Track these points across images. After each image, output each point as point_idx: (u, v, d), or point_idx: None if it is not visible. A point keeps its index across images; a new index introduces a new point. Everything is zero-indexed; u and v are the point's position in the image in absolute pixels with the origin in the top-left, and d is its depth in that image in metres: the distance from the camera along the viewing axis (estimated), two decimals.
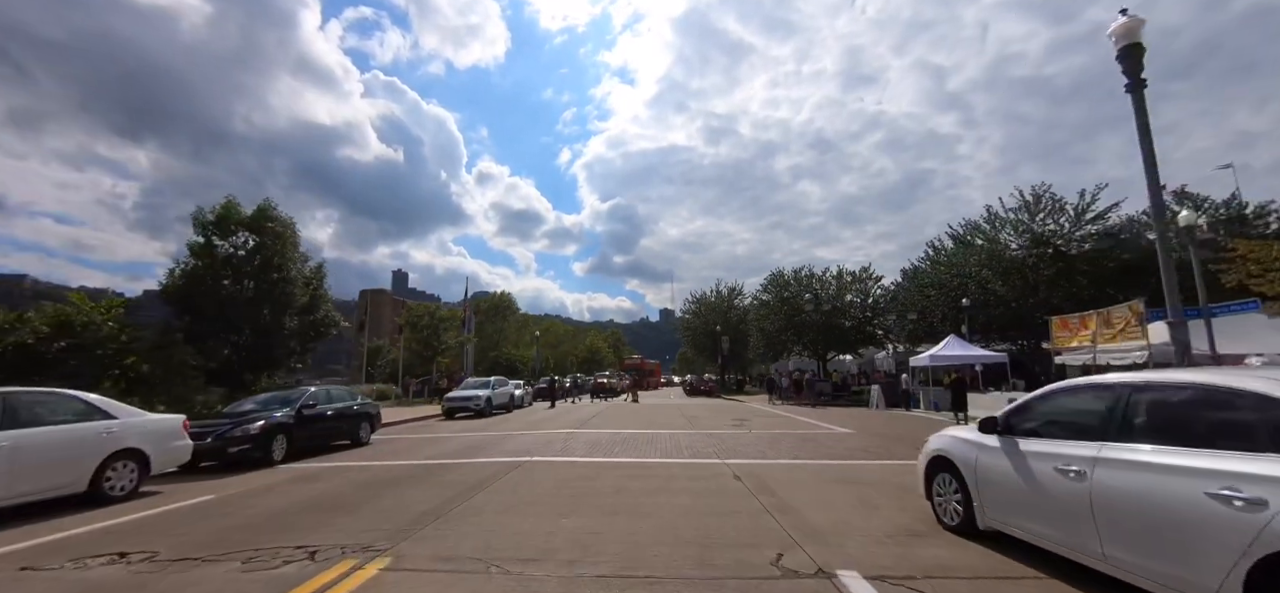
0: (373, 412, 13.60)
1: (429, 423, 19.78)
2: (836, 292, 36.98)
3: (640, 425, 16.59)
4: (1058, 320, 21.45)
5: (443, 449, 11.88)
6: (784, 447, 11.55)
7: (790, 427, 16.12)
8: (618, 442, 12.47)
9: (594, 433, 14.53)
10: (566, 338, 71.11)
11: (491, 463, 9.67)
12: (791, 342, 37.80)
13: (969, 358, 23.96)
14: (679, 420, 18.31)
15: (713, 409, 24.72)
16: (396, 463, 10.04)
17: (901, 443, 12.09)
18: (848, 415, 20.45)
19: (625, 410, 24.06)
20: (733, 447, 11.50)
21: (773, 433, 14.28)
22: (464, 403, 22.06)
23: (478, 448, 11.91)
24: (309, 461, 10.59)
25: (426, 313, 36.40)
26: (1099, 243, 26.65)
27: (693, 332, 54.22)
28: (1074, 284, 25.98)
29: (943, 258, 33.01)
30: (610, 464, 9.36)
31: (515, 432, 15.43)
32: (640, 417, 20.34)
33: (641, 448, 11.38)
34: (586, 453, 10.71)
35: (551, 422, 18.67)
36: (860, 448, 11.38)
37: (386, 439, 14.37)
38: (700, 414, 21.29)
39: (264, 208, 22.36)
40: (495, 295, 59.82)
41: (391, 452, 11.80)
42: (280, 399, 11.26)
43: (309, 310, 23.06)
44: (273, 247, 21.96)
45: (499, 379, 25.79)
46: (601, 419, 19.22)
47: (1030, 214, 27.64)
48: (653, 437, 13.42)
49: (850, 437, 13.42)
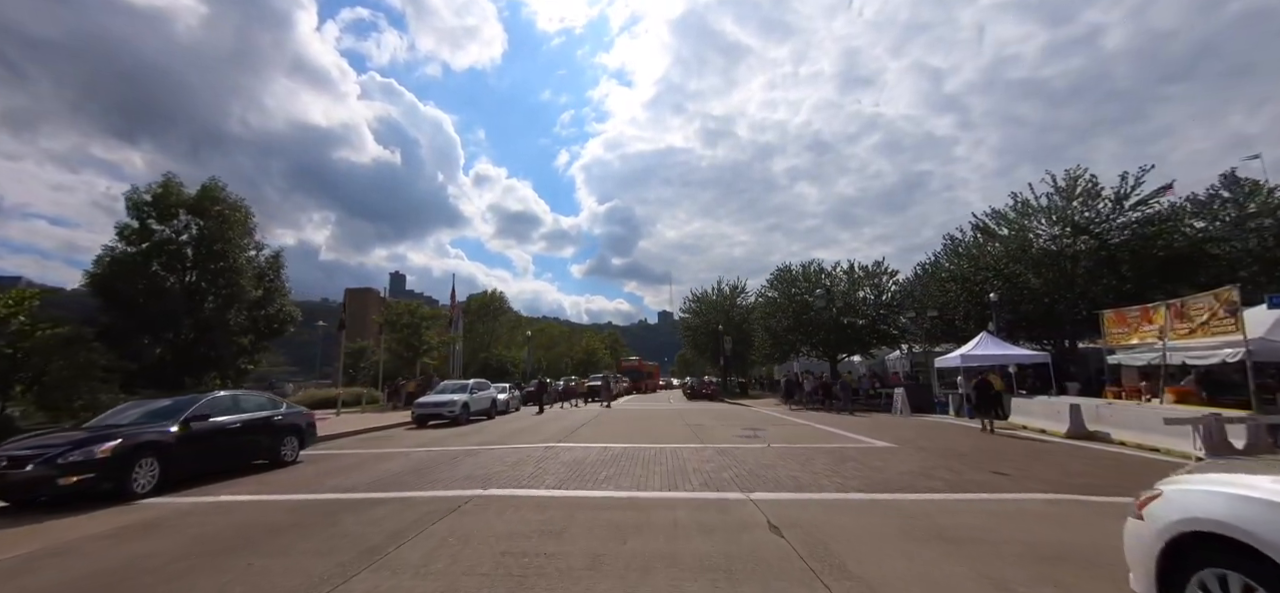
0: (302, 423, 10.95)
1: (394, 433, 17.12)
2: (848, 288, 34.39)
3: (636, 437, 13.97)
4: (1112, 314, 18.89)
5: (379, 473, 9.23)
6: (819, 469, 8.94)
7: (815, 439, 13.50)
8: (606, 463, 9.84)
9: (579, 449, 11.90)
10: (561, 339, 68.33)
11: (427, 500, 7.02)
12: (800, 342, 35.17)
13: (1005, 357, 21.42)
14: (681, 431, 15.69)
15: (718, 415, 22.11)
16: (296, 498, 7.38)
17: (966, 463, 9.48)
18: (875, 424, 17.84)
19: (619, 419, 21.41)
20: (755, 471, 8.88)
21: (797, 449, 11.66)
22: (437, 410, 19.42)
23: (425, 471, 9.27)
24: (193, 491, 7.94)
25: (407, 311, 33.70)
26: (1139, 230, 24.12)
27: (693, 332, 51.59)
28: (1118, 276, 23.45)
29: (963, 249, 30.46)
30: (590, 504, 6.72)
31: (485, 445, 12.80)
32: (636, 426, 17.70)
33: (635, 474, 8.74)
34: (561, 483, 8.07)
35: (533, 432, 16.03)
36: (919, 472, 8.77)
37: (325, 455, 11.72)
38: (705, 422, 18.67)
39: (210, 188, 19.71)
40: (486, 294, 57.08)
41: (312, 477, 9.15)
42: (164, 410, 8.61)
43: (262, 304, 20.41)
44: (219, 232, 19.32)
45: (479, 382, 23.13)
46: (591, 429, 16.58)
47: (1067, 200, 25.07)
48: (651, 455, 10.79)
49: (895, 453, 10.81)
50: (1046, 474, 8.72)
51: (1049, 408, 15.39)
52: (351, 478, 8.84)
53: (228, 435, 9.03)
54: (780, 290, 36.84)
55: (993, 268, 27.34)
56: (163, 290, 17.80)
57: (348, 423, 19.41)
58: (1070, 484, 7.79)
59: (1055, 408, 15.05)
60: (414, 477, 8.73)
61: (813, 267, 36.15)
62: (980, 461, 9.94)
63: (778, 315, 36.27)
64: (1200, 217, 25.61)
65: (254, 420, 9.69)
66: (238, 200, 20.40)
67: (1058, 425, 14.53)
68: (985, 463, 9.70)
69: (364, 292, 61.53)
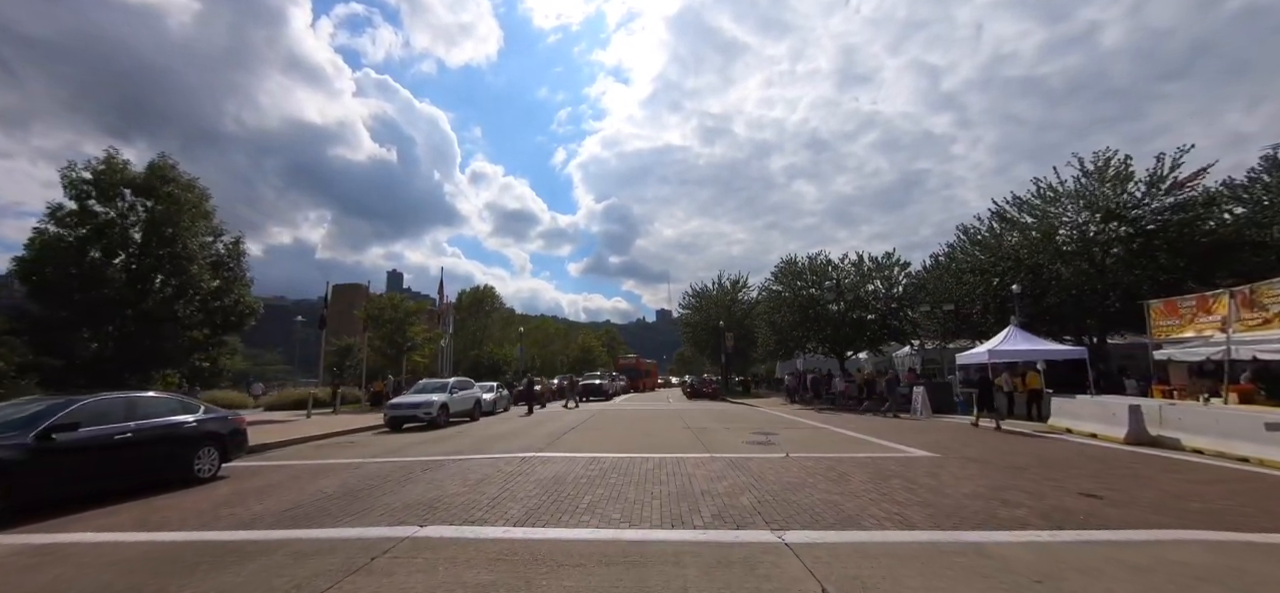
0: (224, 432, 9.00)
1: (360, 439, 15.19)
2: (857, 281, 32.52)
3: (631, 444, 12.06)
4: (1160, 305, 17.06)
5: (303, 496, 7.30)
6: (859, 489, 7.04)
7: (838, 445, 11.60)
8: (593, 481, 7.93)
9: (562, 461, 9.99)
10: (557, 336, 66.31)
11: (336, 544, 5.10)
12: (807, 338, 33.28)
13: (1036, 353, 19.57)
14: (683, 435, 13.79)
15: (722, 417, 20.21)
16: (164, 540, 5.43)
17: (1038, 479, 7.56)
18: (898, 427, 15.96)
19: (614, 421, 19.51)
20: (779, 492, 6.98)
21: (823, 460, 9.76)
22: (412, 412, 17.49)
23: (361, 494, 7.34)
24: (34, 525, 6.00)
25: (390, 305, 31.75)
26: (1173, 215, 22.26)
27: (693, 329, 49.64)
28: (1155, 264, 21.62)
29: (980, 238, 28.62)
30: (561, 553, 4.81)
31: (452, 456, 10.88)
32: (632, 430, 15.80)
33: (628, 499, 6.83)
34: (528, 514, 6.16)
35: (515, 437, 14.12)
36: (989, 493, 6.87)
37: (258, 468, 9.79)
38: (709, 424, 16.79)
39: (159, 166, 17.72)
40: (477, 289, 55.08)
41: (218, 502, 7.22)
42: (21, 418, 6.67)
43: (219, 295, 18.44)
44: (170, 215, 17.34)
45: (461, 381, 21.18)
46: (581, 434, 14.68)
47: (1099, 183, 23.20)
48: (649, 469, 8.89)
49: (942, 465, 8.91)
50: (1147, 496, 6.85)
51: (1101, 409, 13.52)
52: (265, 504, 6.92)
53: (107, 450, 7.08)
54: (785, 284, 34.95)
55: (1014, 258, 25.52)
56: (101, 278, 15.82)
57: (316, 426, 17.49)
58: (1195, 514, 5.91)
59: (1109, 409, 13.18)
60: (341, 504, 6.80)
61: (820, 258, 34.27)
62: (1052, 475, 8.05)
63: (783, 310, 34.40)
64: (1238, 202, 23.82)
65: (152, 430, 7.74)
66: (191, 180, 18.44)
67: (1113, 429, 12.67)
68: (1059, 478, 7.82)
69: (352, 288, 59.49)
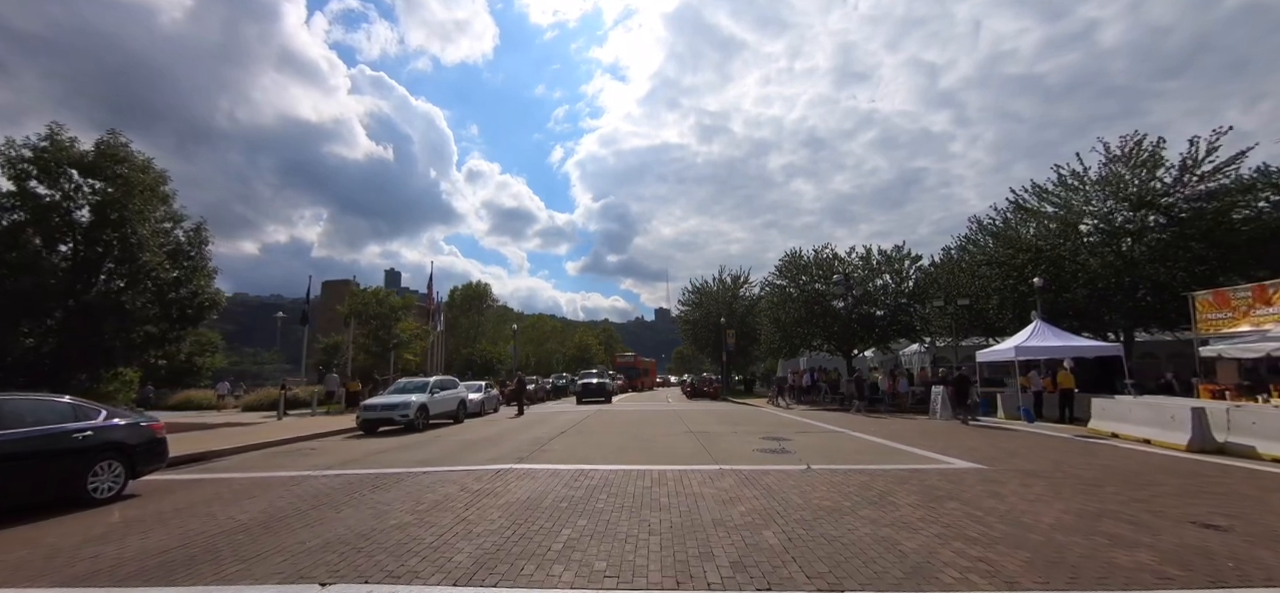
0: (132, 442, 7.46)
1: (326, 444, 13.66)
2: (865, 275, 31.04)
3: (626, 453, 10.54)
4: (1210, 296, 15.59)
5: (202, 528, 5.77)
6: (913, 518, 5.52)
7: (863, 454, 10.06)
8: (573, 508, 6.40)
9: (542, 476, 8.46)
10: (553, 335, 64.71)
11: None
12: (813, 335, 31.77)
13: (1066, 349, 18.12)
14: (685, 441, 12.27)
15: (726, 418, 18.70)
16: None
17: (1125, 501, 6.01)
18: (920, 431, 14.45)
19: (608, 424, 18.00)
20: (811, 523, 5.44)
21: (851, 473, 8.22)
22: (386, 414, 15.96)
23: (279, 526, 5.81)
24: None
25: (374, 299, 30.17)
26: (1208, 203, 20.79)
27: (693, 326, 48.07)
28: (1190, 254, 20.16)
29: (996, 229, 27.16)
30: None
31: (415, 469, 9.34)
32: (628, 434, 14.27)
33: (616, 536, 5.30)
34: (481, 565, 4.60)
35: (495, 443, 12.58)
36: (1080, 524, 5.35)
37: (184, 483, 8.25)
38: (712, 427, 15.27)
39: (109, 145, 16.12)
40: (471, 285, 53.46)
41: (94, 533, 5.69)
42: None
43: (175, 285, 16.86)
44: (121, 198, 15.76)
45: (444, 380, 19.62)
46: (570, 440, 13.15)
47: (1129, 169, 21.71)
48: (645, 488, 7.37)
49: (999, 482, 7.37)
50: (1272, 523, 5.38)
51: (1155, 411, 12.01)
52: (151, 538, 5.37)
53: None
54: (790, 279, 33.44)
55: (1033, 249, 24.06)
56: (35, 265, 14.24)
57: (287, 429, 15.96)
58: None
59: (1165, 411, 11.68)
60: (245, 540, 5.25)
61: (826, 252, 32.76)
62: (1138, 495, 6.54)
63: (787, 306, 32.91)
64: (1274, 189, 22.36)
65: (21, 441, 6.20)
66: (146, 161, 16.85)
67: (1171, 434, 11.19)
68: (1150, 500, 6.30)
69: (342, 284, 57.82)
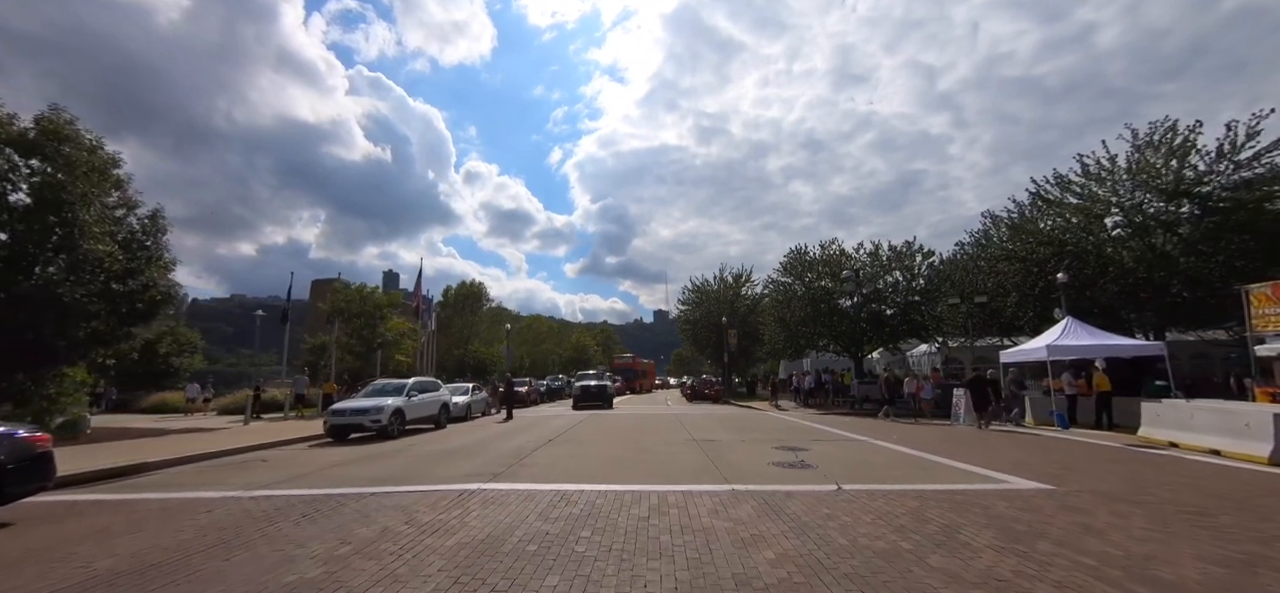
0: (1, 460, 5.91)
1: (284, 453, 12.11)
2: (875, 272, 29.55)
3: (620, 469, 9.01)
4: (1267, 290, 14.10)
5: (41, 582, 4.25)
6: (997, 567, 3.97)
7: (903, 472, 8.52)
8: (545, 551, 4.85)
9: (517, 497, 6.93)
10: (550, 335, 63.10)
11: None
12: (821, 334, 30.26)
13: (1101, 348, 16.64)
14: (689, 453, 10.73)
15: (731, 424, 17.17)
16: None
17: (1257, 538, 4.53)
18: (952, 439, 12.93)
19: (601, 431, 16.50)
20: (866, 574, 3.92)
21: (892, 495, 6.68)
22: (357, 419, 14.44)
23: (123, 585, 4.28)
24: None
25: (358, 296, 28.62)
26: (1244, 193, 19.33)
27: (693, 326, 46.52)
28: (1230, 246, 18.69)
29: (1015, 221, 25.71)
30: None
31: (364, 489, 7.79)
32: (623, 443, 12.74)
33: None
34: None
35: (473, 453, 11.05)
36: (1236, 582, 3.84)
37: (71, 507, 6.68)
38: (717, 434, 13.75)
39: (51, 123, 14.56)
40: (466, 284, 51.88)
41: None
42: None
43: (123, 277, 15.30)
44: (62, 181, 14.21)
45: (423, 382, 18.05)
46: (556, 451, 11.63)
47: (1162, 157, 20.25)
48: (641, 518, 5.84)
49: (1085, 510, 5.81)
50: None
51: (1223, 418, 10.49)
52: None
53: None
54: (795, 277, 31.93)
55: (1057, 242, 22.61)
56: None
57: (247, 436, 14.44)
58: None
59: (1237, 419, 10.17)
60: None
61: (833, 248, 31.24)
62: (1260, 526, 5.02)
63: (793, 305, 31.40)
64: None
65: None
66: (95, 141, 15.31)
67: (1246, 445, 9.70)
68: None
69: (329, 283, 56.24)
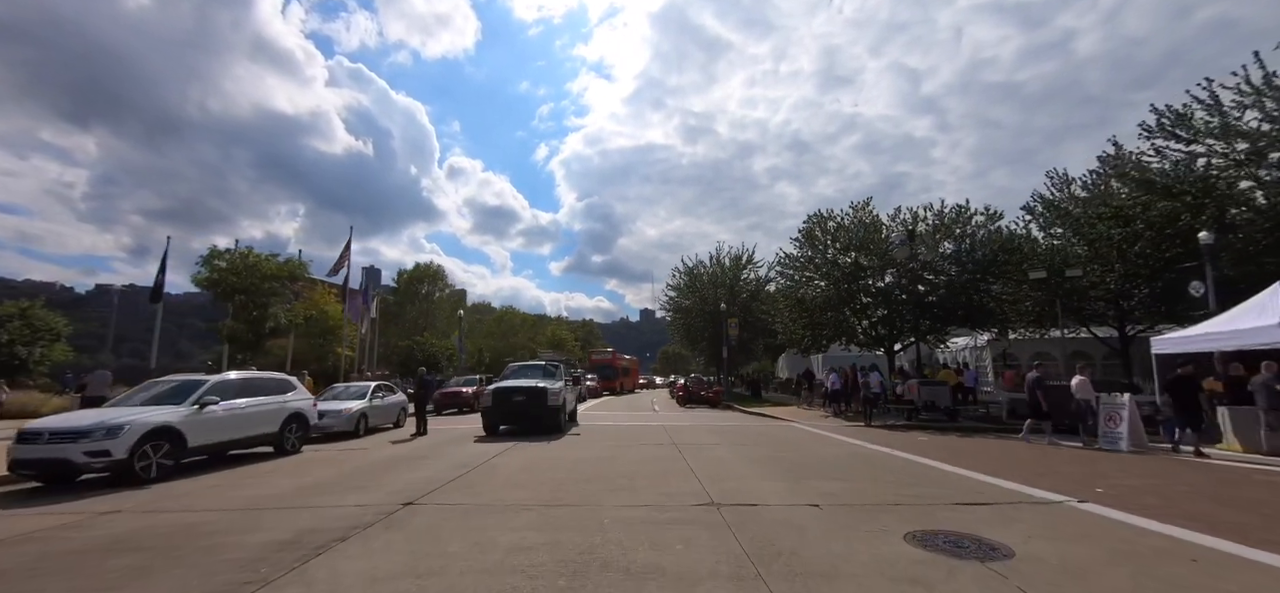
0: None
1: None
2: (932, 236, 23.11)
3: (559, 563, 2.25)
4: None
5: None
6: None
7: None
8: None
9: None
10: (523, 327, 55.96)
11: None
12: (855, 321, 23.71)
13: None
14: (687, 500, 3.99)
15: (744, 440, 10.47)
16: None
17: None
18: (1125, 469, 6.31)
19: (548, 462, 9.59)
20: None
21: None
22: (61, 451, 7.39)
23: None
24: None
25: (243, 264, 21.37)
26: None
27: (684, 315, 39.57)
28: None
29: (1125, 171, 19.50)
30: None
31: None
32: (582, 482, 5.83)
33: None
34: None
35: (198, 553, 4.18)
36: None
37: None
38: (727, 458, 7.09)
39: None
40: (420, 267, 44.60)
41: None
42: None
43: None
44: None
45: (250, 380, 10.90)
46: (450, 498, 4.66)
47: None
48: None
49: None
50: None
51: None
52: None
53: None
54: (817, 250, 25.24)
55: (1202, 185, 16.42)
56: None
57: None
58: None
59: None
60: None
61: (866, 213, 24.60)
62: None
63: (814, 286, 24.84)
64: None
65: None
66: None
67: None
68: None
69: None
